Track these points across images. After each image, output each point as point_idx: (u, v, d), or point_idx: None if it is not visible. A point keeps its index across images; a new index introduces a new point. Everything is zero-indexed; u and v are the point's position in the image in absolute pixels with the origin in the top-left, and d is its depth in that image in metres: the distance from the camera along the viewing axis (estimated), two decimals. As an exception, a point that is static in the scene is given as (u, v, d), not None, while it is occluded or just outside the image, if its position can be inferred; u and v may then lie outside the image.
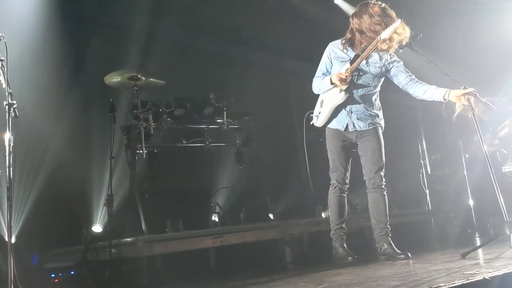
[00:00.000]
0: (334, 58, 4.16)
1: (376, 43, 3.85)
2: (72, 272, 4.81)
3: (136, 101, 5.17)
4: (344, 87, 4.00)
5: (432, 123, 7.43)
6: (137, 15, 6.35)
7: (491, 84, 5.95)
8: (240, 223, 5.52)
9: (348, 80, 3.96)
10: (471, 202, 6.03)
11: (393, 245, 4.01)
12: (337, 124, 4.16)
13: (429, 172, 7.47)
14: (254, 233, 4.80)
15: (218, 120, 5.79)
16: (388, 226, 4.09)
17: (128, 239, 4.39)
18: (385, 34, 3.81)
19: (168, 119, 5.46)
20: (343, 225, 4.17)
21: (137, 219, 4.91)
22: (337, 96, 4.06)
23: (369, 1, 4.02)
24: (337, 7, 7.80)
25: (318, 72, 4.23)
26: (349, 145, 4.22)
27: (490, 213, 5.71)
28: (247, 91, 6.50)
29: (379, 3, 4.00)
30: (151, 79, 5.18)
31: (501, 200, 3.79)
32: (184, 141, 5.77)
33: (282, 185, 6.44)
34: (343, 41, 4.14)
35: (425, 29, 4.27)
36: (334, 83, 3.99)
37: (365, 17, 3.95)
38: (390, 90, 4.43)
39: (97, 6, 6.15)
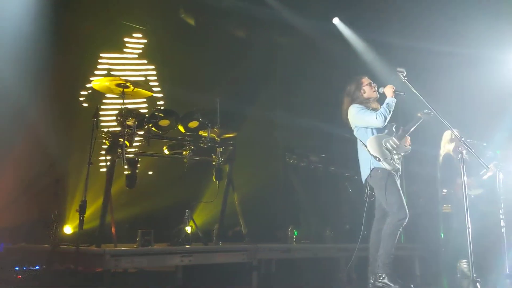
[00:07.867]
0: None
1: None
2: (37, 267, 4.81)
3: (122, 108, 5.15)
4: None
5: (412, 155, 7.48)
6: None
7: (476, 129, 6.05)
8: (212, 240, 5.52)
9: None
10: (441, 240, 6.08)
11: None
12: (393, 165, 4.47)
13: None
14: (224, 255, 4.82)
15: (202, 135, 5.77)
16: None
17: (96, 249, 4.39)
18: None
19: (152, 128, 5.46)
20: None
21: (108, 228, 4.89)
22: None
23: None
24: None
25: (368, 111, 4.55)
26: None
27: (462, 256, 5.73)
28: (234, 111, 6.48)
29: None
30: (139, 88, 5.15)
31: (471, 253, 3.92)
32: (166, 152, 5.76)
33: (258, 207, 6.44)
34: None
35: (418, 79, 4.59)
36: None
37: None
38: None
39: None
